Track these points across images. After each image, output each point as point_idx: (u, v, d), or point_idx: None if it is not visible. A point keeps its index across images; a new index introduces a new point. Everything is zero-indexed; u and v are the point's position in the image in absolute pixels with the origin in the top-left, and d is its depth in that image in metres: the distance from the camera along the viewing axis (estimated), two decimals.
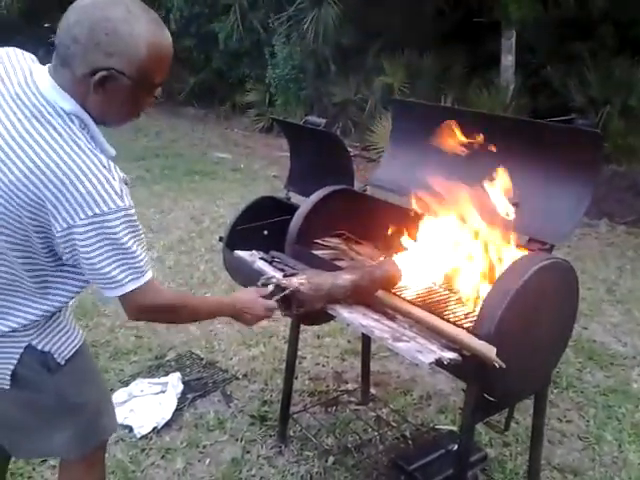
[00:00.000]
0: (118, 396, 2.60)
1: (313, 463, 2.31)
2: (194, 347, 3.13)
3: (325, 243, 2.12)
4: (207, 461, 2.32)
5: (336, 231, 2.20)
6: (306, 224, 2.10)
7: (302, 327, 2.39)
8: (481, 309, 1.49)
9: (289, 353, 2.33)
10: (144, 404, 2.57)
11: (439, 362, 1.44)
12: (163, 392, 2.65)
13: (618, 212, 5.55)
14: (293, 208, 2.24)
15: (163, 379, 2.74)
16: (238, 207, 2.48)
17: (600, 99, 6.74)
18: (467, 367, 1.47)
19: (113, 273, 1.25)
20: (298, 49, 8.66)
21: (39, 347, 1.39)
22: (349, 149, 2.51)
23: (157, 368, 2.92)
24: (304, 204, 2.15)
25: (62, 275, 1.35)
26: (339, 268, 1.85)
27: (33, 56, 1.36)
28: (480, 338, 1.43)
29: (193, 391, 2.71)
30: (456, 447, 1.99)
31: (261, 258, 1.96)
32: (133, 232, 1.25)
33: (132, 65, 1.21)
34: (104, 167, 1.21)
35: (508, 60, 7.17)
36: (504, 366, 1.38)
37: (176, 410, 2.56)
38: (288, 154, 2.68)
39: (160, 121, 10.05)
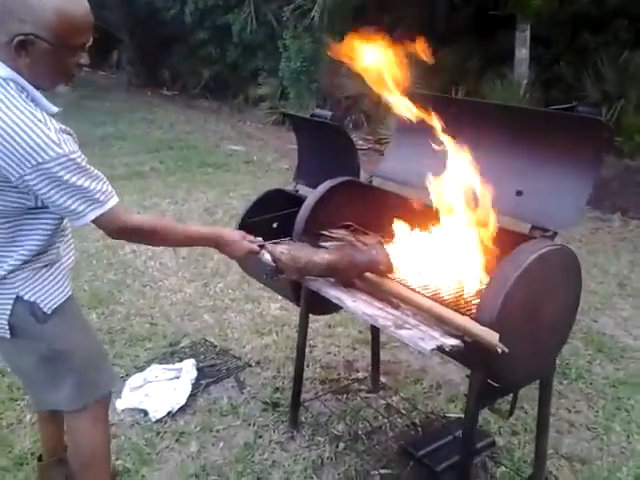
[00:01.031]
0: (133, 381, 2.68)
1: (324, 448, 2.36)
2: (208, 335, 3.19)
3: (332, 234, 2.16)
4: (220, 445, 2.38)
5: (343, 222, 2.23)
6: (313, 215, 2.13)
7: (314, 317, 2.43)
8: (483, 296, 1.52)
9: (299, 340, 2.37)
10: (159, 389, 2.63)
11: (441, 348, 1.46)
12: (177, 378, 2.71)
13: (632, 207, 5.52)
14: (301, 200, 2.28)
15: (177, 365, 2.80)
16: (250, 199, 2.53)
17: (614, 93, 6.70)
18: (470, 353, 1.49)
19: (73, 207, 1.42)
20: (309, 41, 8.66)
21: (25, 297, 1.55)
22: (361, 142, 2.53)
23: (171, 355, 2.98)
24: (310, 196, 2.19)
25: (30, 219, 1.50)
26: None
27: None
28: (482, 325, 1.46)
29: (207, 377, 2.77)
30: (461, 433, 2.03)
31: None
32: (80, 172, 1.40)
33: (46, 29, 1.33)
34: (39, 121, 1.35)
35: (522, 54, 7.13)
36: (507, 351, 1.41)
37: (190, 395, 2.62)
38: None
39: (174, 113, 10.14)
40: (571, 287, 1.68)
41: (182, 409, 2.55)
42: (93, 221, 1.47)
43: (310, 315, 2.36)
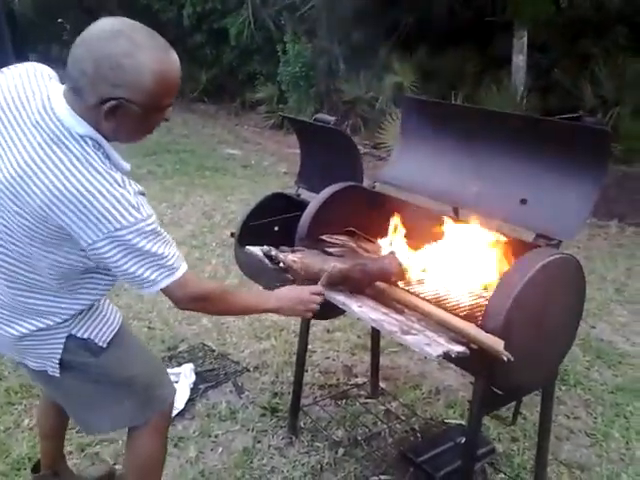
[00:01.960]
0: None
1: (323, 454, 2.35)
2: (206, 339, 3.18)
3: (333, 240, 2.15)
4: (219, 450, 2.37)
5: (346, 227, 2.23)
6: (315, 220, 2.12)
7: (312, 321, 2.42)
8: (488, 304, 1.52)
9: (300, 346, 2.36)
10: None
11: (447, 355, 1.46)
12: (176, 382, 2.68)
13: (628, 213, 5.54)
14: (303, 205, 2.27)
15: (176, 370, 2.79)
16: (248, 203, 2.53)
17: (612, 100, 6.73)
18: (475, 360, 1.49)
19: (145, 275, 1.34)
20: (309, 46, 8.69)
21: (79, 335, 1.51)
22: (359, 147, 2.54)
23: (170, 359, 2.97)
24: (313, 201, 2.18)
25: (90, 278, 1.46)
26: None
27: (51, 72, 1.43)
28: (488, 332, 1.46)
29: (205, 382, 2.76)
30: (464, 440, 2.03)
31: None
32: (154, 237, 1.33)
33: (139, 94, 1.26)
34: (119, 185, 1.29)
35: (519, 60, 7.16)
36: (512, 359, 1.41)
37: (189, 400, 2.61)
38: (298, 151, 2.71)
39: (171, 116, 10.10)
40: (575, 296, 1.68)
41: (180, 414, 2.54)
42: (162, 289, 1.39)
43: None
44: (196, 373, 2.79)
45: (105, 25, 1.26)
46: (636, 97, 6.61)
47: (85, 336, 1.51)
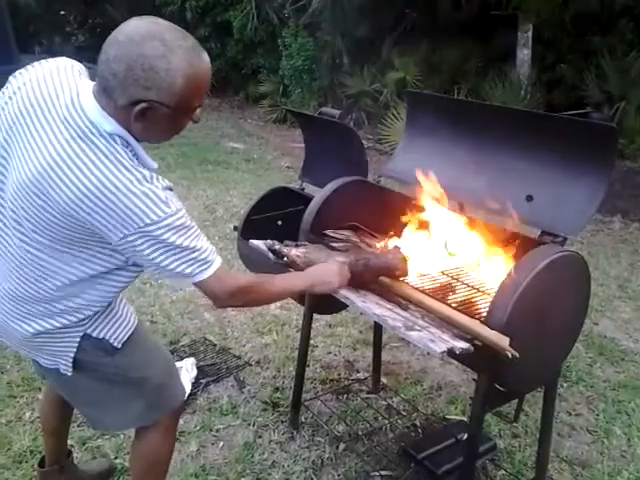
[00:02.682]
0: None
1: (324, 449, 2.35)
2: (208, 333, 3.18)
3: (337, 235, 2.14)
4: (220, 444, 2.37)
5: (350, 222, 2.21)
6: (320, 214, 2.12)
7: (315, 316, 2.42)
8: (493, 300, 1.51)
9: (302, 340, 2.36)
10: None
11: (451, 351, 1.45)
12: None
13: (632, 209, 5.52)
14: (307, 199, 2.26)
15: (177, 364, 2.77)
16: (251, 197, 2.52)
17: (617, 95, 6.69)
18: (479, 357, 1.49)
19: (179, 269, 1.34)
20: (312, 40, 8.65)
21: (94, 334, 1.50)
22: (362, 141, 2.52)
23: (171, 353, 2.96)
24: (318, 195, 2.17)
25: (111, 277, 1.44)
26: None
27: (82, 67, 1.43)
28: (492, 329, 1.45)
29: (207, 376, 2.76)
30: (466, 436, 2.03)
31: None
32: (185, 231, 1.32)
33: (171, 96, 1.26)
34: (147, 181, 1.28)
35: (524, 54, 7.12)
36: (517, 356, 1.40)
37: (190, 394, 2.61)
38: (301, 145, 2.70)
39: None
40: (580, 293, 1.67)
41: None
42: (200, 285, 1.40)
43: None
44: (198, 367, 2.79)
45: (138, 26, 1.25)
46: None
47: (101, 336, 1.50)
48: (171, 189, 1.34)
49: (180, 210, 1.31)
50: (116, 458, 2.25)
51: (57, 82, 1.34)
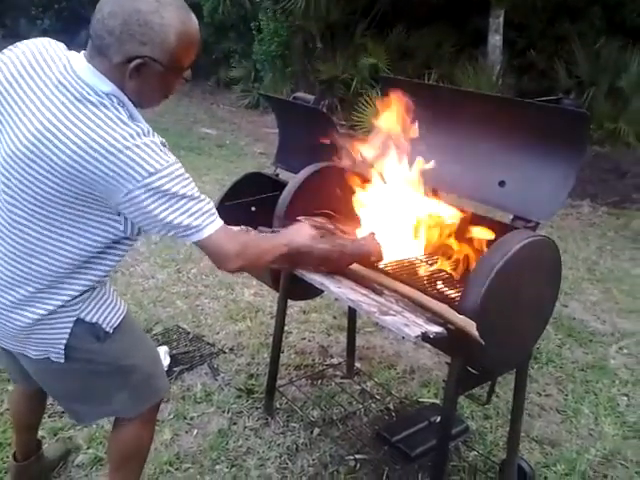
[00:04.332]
0: None
1: (299, 434, 2.36)
2: (181, 321, 3.15)
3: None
4: (194, 432, 2.36)
5: (325, 208, 2.20)
6: (294, 200, 2.10)
7: (289, 303, 2.41)
8: (466, 285, 1.52)
9: (276, 326, 2.35)
10: None
11: (425, 335, 1.46)
12: None
13: (601, 193, 5.64)
14: (282, 184, 2.24)
15: None
16: (224, 183, 2.49)
17: (587, 80, 6.79)
18: (452, 341, 1.50)
19: (187, 221, 1.34)
20: (285, 25, 8.55)
21: (87, 319, 1.47)
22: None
23: None
24: (292, 181, 2.15)
25: (108, 250, 1.43)
26: None
27: (63, 44, 1.44)
28: (466, 313, 1.46)
29: (180, 364, 2.74)
30: (439, 419, 2.05)
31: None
32: (188, 182, 1.34)
33: (164, 52, 1.29)
34: (145, 135, 1.29)
35: (495, 39, 7.15)
36: (483, 343, 1.42)
37: None
38: (274, 131, 2.69)
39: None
40: (552, 278, 1.69)
41: None
42: (207, 241, 1.37)
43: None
44: (171, 356, 2.76)
45: None
46: (610, 78, 6.67)
47: (93, 320, 1.48)
48: (165, 145, 1.36)
49: (177, 162, 1.33)
50: (89, 448, 2.22)
51: (45, 54, 1.35)
